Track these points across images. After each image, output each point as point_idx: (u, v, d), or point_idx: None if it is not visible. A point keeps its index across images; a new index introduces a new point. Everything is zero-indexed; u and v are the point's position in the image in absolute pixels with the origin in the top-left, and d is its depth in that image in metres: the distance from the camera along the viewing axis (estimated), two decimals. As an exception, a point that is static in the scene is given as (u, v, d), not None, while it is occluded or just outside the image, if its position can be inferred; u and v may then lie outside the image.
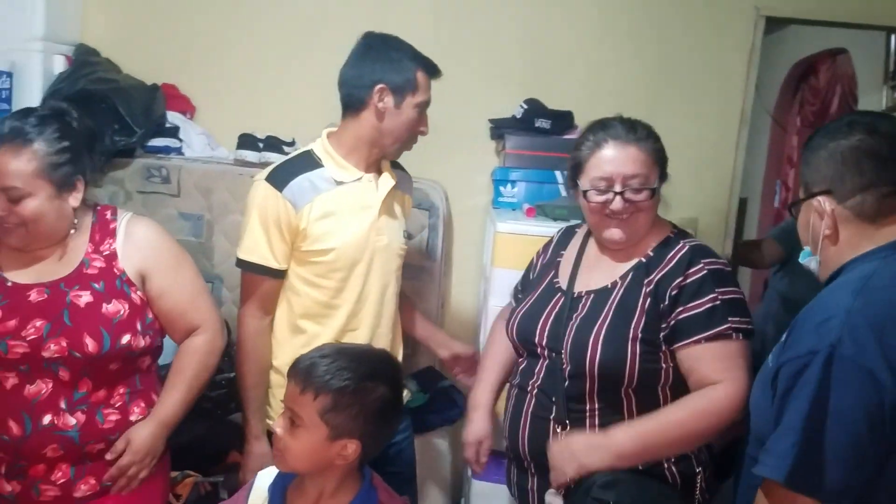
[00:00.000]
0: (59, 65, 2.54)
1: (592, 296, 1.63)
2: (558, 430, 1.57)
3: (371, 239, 1.80)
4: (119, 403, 1.60)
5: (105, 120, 2.44)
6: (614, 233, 1.61)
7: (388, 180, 1.85)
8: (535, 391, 1.63)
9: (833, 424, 1.12)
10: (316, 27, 2.67)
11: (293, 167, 1.79)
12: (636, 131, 1.60)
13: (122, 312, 1.57)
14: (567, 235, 1.82)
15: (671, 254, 1.60)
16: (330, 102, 1.79)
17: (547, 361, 1.63)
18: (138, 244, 1.64)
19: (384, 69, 1.76)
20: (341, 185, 1.78)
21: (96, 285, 1.57)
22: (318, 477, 1.36)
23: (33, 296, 1.55)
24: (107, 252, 1.61)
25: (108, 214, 1.67)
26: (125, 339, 1.56)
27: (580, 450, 1.51)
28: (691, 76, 2.63)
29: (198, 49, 2.71)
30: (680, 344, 1.53)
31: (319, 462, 1.33)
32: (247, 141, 2.53)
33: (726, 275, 1.58)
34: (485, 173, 2.64)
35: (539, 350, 1.65)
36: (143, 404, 1.64)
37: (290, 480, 1.41)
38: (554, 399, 1.59)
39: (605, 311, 1.58)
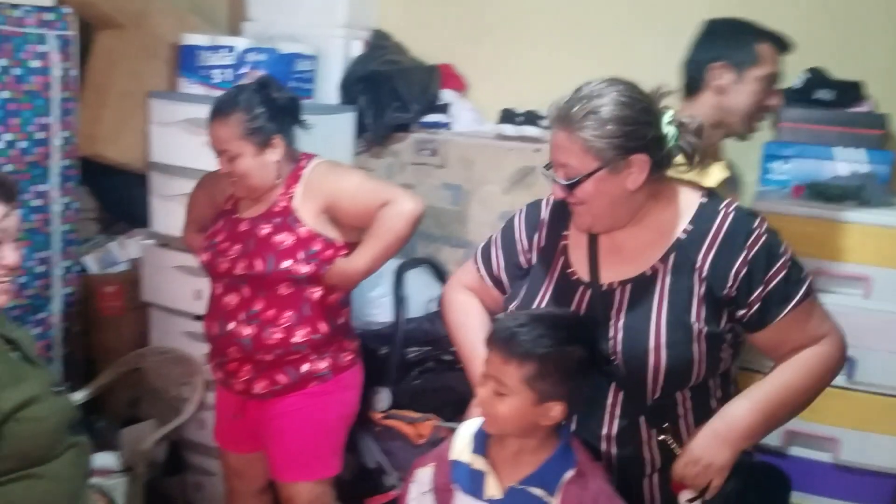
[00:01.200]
0: (357, 48, 2.86)
1: (630, 286, 1.41)
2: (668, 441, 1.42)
3: None
4: (286, 325, 1.90)
5: (387, 98, 2.72)
6: (576, 222, 1.45)
7: (721, 171, 1.77)
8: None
9: None
10: (584, 6, 2.68)
11: None
12: (568, 111, 1.36)
13: (286, 242, 1.90)
14: (563, 212, 1.50)
15: (716, 225, 1.39)
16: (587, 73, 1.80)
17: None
18: (317, 185, 1.96)
19: (723, 47, 1.79)
20: None
21: (275, 220, 1.93)
22: (521, 435, 1.39)
23: (241, 227, 1.96)
24: (290, 195, 1.95)
25: (303, 163, 1.99)
26: (285, 264, 1.89)
27: (706, 455, 1.35)
28: None
29: (474, 31, 2.88)
30: (776, 321, 1.37)
31: (527, 425, 1.36)
32: (507, 115, 2.63)
33: (775, 230, 1.42)
34: (754, 147, 2.41)
35: None
36: (307, 329, 1.89)
37: None
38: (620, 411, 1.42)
39: (656, 304, 1.38)
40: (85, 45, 2.57)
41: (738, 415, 1.36)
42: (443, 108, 2.79)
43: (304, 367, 1.96)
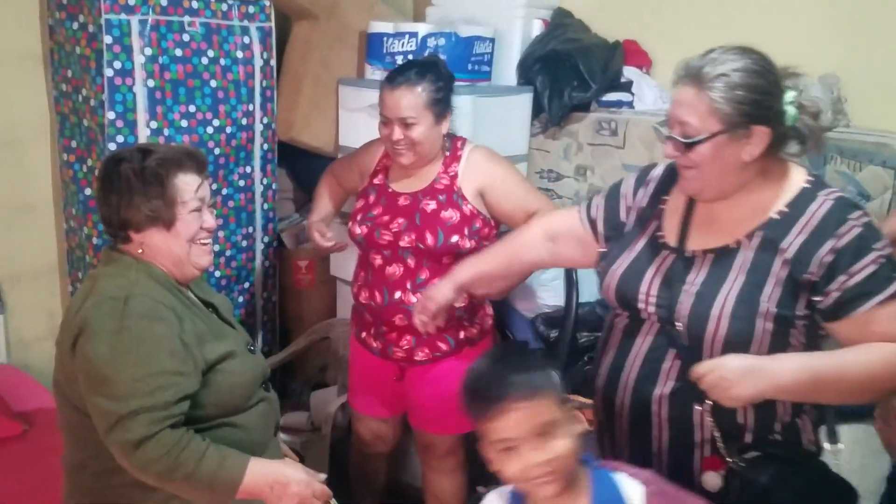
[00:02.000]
0: (537, 28, 2.82)
1: (712, 256, 1.42)
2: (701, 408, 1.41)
3: None
4: None
5: (566, 77, 2.66)
6: (683, 185, 1.44)
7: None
8: (640, 355, 1.48)
9: None
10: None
11: None
12: (700, 69, 1.35)
13: (454, 219, 2.01)
14: (671, 178, 1.52)
15: (811, 211, 1.36)
16: (783, 49, 1.66)
17: (656, 328, 1.46)
18: (476, 167, 2.06)
19: None
20: None
21: (441, 197, 2.03)
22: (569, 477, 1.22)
23: (401, 201, 2.06)
24: (452, 173, 2.06)
25: (459, 144, 2.08)
26: (454, 238, 2.00)
27: (733, 378, 1.29)
28: None
29: (661, 5, 2.74)
30: (854, 314, 1.32)
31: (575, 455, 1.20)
32: (694, 93, 2.48)
33: (876, 227, 1.36)
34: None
35: (645, 315, 1.47)
36: (465, 296, 1.96)
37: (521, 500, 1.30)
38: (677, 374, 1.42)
39: (732, 276, 1.38)
40: (281, 36, 2.76)
41: (784, 366, 1.32)
42: (625, 87, 2.69)
43: (462, 334, 2.09)
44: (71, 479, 1.53)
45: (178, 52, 2.38)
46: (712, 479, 1.42)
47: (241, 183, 2.66)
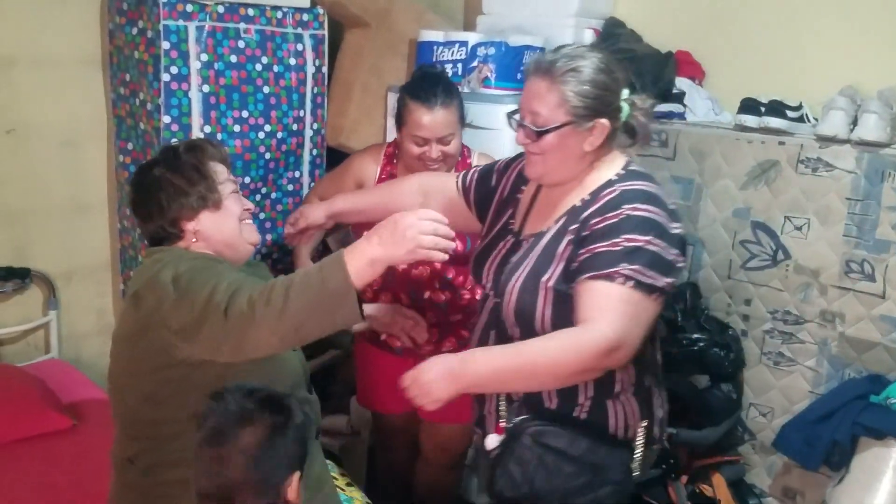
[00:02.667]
0: (588, 37, 2.81)
1: (532, 240, 1.58)
2: None
3: None
4: (470, 286, 2.12)
5: (617, 87, 2.64)
6: (528, 170, 1.58)
7: None
8: (478, 332, 1.65)
9: None
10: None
11: None
12: (551, 65, 1.46)
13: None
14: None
15: (602, 197, 1.49)
16: (841, 63, 1.65)
17: (489, 303, 1.63)
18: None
19: None
20: None
21: None
22: None
23: None
24: None
25: (466, 151, 2.19)
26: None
27: (430, 383, 1.40)
28: None
29: (714, 14, 2.70)
30: (576, 282, 1.44)
31: None
32: (749, 105, 2.43)
33: (649, 223, 1.43)
34: None
35: (487, 291, 1.64)
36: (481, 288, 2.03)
37: None
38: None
39: (533, 256, 1.53)
40: (334, 44, 2.79)
41: (476, 360, 1.43)
42: (677, 97, 2.65)
43: None
44: (120, 474, 1.55)
45: (233, 59, 2.42)
46: (491, 441, 1.59)
47: (290, 187, 2.69)
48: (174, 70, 2.31)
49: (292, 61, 2.58)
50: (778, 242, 2.34)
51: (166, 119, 2.33)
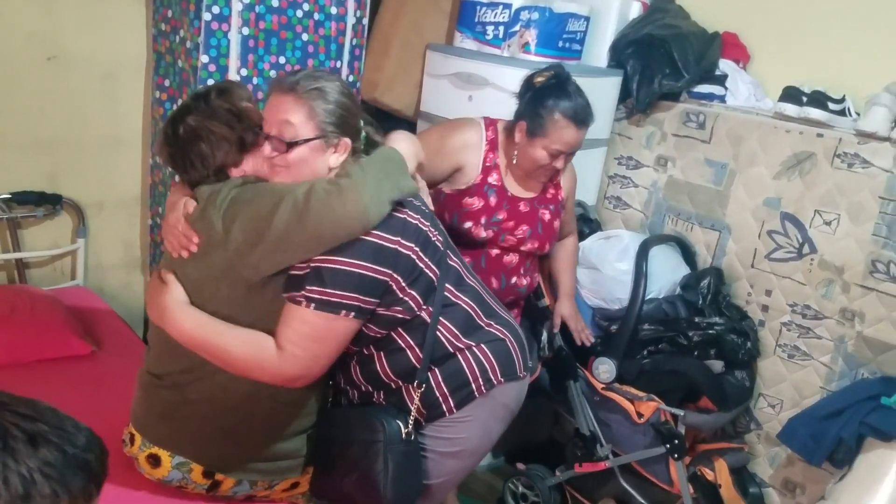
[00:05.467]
0: (635, 10, 2.75)
1: None
2: None
3: None
4: (532, 272, 2.24)
5: (659, 64, 2.59)
6: (276, 179, 1.56)
7: None
8: None
9: None
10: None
11: None
12: (297, 83, 1.49)
13: (556, 224, 2.17)
14: None
15: None
16: (889, 59, 1.59)
17: None
18: (566, 180, 2.20)
19: None
20: None
21: (551, 207, 2.15)
22: None
23: (522, 207, 2.09)
24: (556, 182, 2.16)
25: None
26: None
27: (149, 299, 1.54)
28: None
29: (767, -2, 2.64)
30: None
31: None
32: (791, 94, 2.38)
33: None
34: None
35: None
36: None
37: None
38: None
39: None
40: (377, -4, 2.76)
41: (178, 318, 1.50)
42: (719, 79, 2.61)
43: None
44: (145, 388, 1.60)
45: (275, 3, 2.41)
46: None
47: (321, 138, 2.69)
48: (216, 10, 2.31)
49: (333, 10, 2.56)
50: (805, 235, 2.32)
51: (204, 59, 2.34)
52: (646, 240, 2.37)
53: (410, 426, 1.59)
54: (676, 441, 2.16)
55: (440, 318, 1.59)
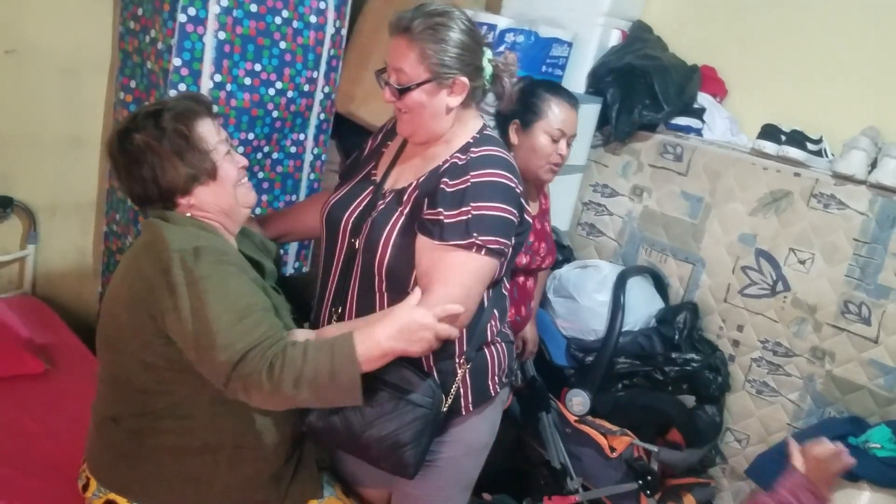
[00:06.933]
0: (615, 38, 2.75)
1: (393, 194, 1.57)
2: (334, 316, 1.58)
3: None
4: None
5: (639, 94, 2.60)
6: (399, 128, 1.59)
7: None
8: (334, 279, 1.60)
9: None
10: (866, 20, 2.40)
11: None
12: (411, 22, 1.47)
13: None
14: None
15: (458, 162, 1.50)
16: (868, 103, 1.62)
17: (345, 250, 1.59)
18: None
19: None
20: None
21: (548, 216, 2.13)
22: None
23: (536, 224, 2.04)
24: (546, 193, 2.17)
25: None
26: None
27: None
28: None
29: (745, 34, 2.67)
30: (419, 237, 1.47)
31: None
32: (769, 132, 2.41)
33: (493, 189, 1.47)
34: None
35: (341, 238, 1.61)
36: None
37: None
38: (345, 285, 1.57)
39: (398, 212, 1.53)
40: (354, 6, 2.68)
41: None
42: (697, 113, 2.63)
43: None
44: (101, 431, 1.48)
45: (253, 8, 2.31)
46: None
47: (293, 150, 2.60)
48: (192, 11, 2.19)
49: (313, 19, 2.48)
50: (779, 273, 2.34)
51: (176, 62, 2.22)
52: (623, 271, 2.36)
53: (450, 401, 1.53)
54: (650, 477, 2.14)
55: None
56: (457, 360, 1.56)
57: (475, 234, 1.43)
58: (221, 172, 1.46)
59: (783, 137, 2.36)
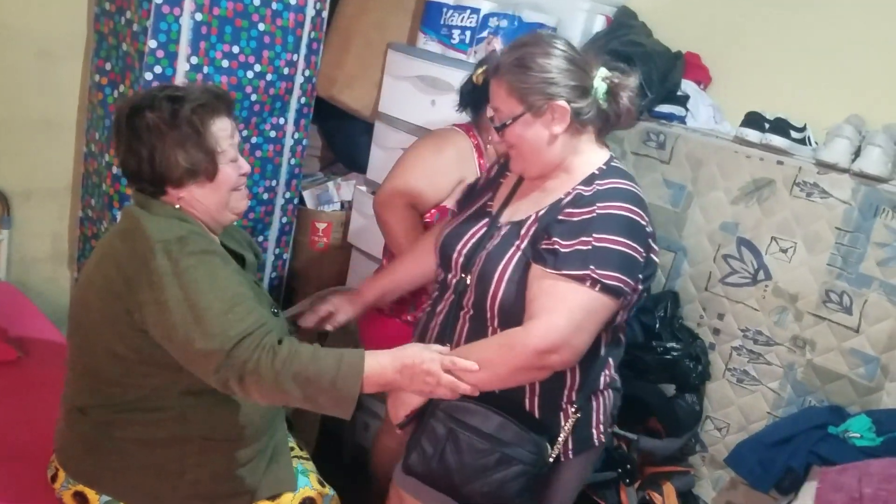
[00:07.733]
0: (599, 24, 2.73)
1: (509, 227, 1.54)
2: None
3: None
4: None
5: (623, 80, 2.58)
6: (512, 166, 1.56)
7: None
8: (443, 313, 1.58)
9: None
10: (851, 8, 2.38)
11: None
12: (498, 60, 1.47)
13: None
14: None
15: (584, 194, 1.46)
16: (852, 91, 1.61)
17: (457, 285, 1.56)
18: None
19: None
20: None
21: None
22: None
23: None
24: None
25: None
26: None
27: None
28: None
29: (730, 21, 2.64)
30: (534, 265, 1.42)
31: None
32: (753, 119, 2.39)
33: (620, 223, 1.40)
34: None
35: (454, 270, 1.58)
36: None
37: None
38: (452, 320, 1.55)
39: (515, 246, 1.49)
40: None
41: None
42: (681, 100, 2.60)
43: None
44: (69, 422, 1.46)
45: (231, -11, 2.27)
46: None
47: (273, 134, 2.57)
48: (168, -8, 2.16)
49: (292, 0, 2.44)
50: (761, 262, 2.33)
51: (152, 43, 2.18)
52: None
53: (557, 452, 1.50)
54: (629, 466, 2.14)
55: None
56: (564, 407, 1.51)
57: (592, 267, 1.36)
58: (221, 176, 1.45)
59: (767, 125, 2.34)
